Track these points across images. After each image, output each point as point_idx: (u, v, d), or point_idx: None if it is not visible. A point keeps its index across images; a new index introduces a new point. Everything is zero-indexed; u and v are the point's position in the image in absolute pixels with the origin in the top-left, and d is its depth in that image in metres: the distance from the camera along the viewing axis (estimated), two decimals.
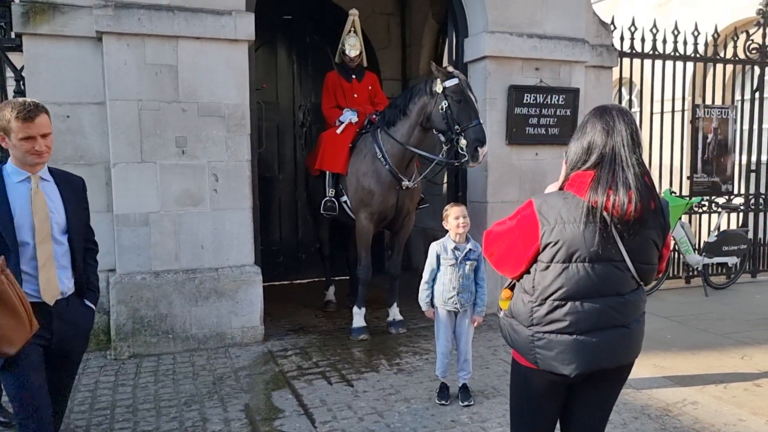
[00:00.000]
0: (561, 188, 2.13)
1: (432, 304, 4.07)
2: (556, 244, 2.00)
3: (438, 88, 5.02)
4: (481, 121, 5.01)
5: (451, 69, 5.16)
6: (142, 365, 4.77)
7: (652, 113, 7.42)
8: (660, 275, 6.99)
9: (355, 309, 5.49)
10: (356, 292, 5.66)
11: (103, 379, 4.50)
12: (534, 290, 2.09)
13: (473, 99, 5.03)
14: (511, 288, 2.28)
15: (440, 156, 5.28)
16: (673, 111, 7.41)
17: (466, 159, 5.01)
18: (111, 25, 4.76)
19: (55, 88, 4.88)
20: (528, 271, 2.13)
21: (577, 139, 2.10)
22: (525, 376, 2.19)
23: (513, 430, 2.33)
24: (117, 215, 4.93)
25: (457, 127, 4.98)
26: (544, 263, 2.05)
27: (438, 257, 3.99)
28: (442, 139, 5.14)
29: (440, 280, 3.99)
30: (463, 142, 4.96)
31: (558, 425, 2.32)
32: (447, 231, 4.02)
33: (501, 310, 2.31)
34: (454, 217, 3.96)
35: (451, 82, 5.00)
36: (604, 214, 1.95)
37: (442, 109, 5.01)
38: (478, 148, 4.93)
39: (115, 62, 4.83)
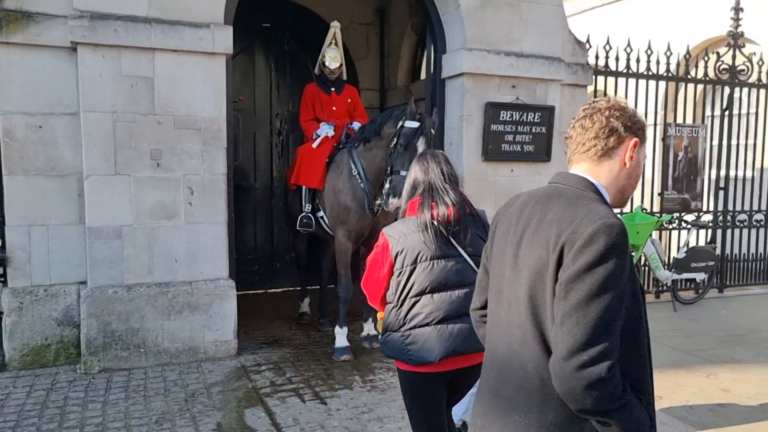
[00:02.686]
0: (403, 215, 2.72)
1: None
2: (402, 251, 2.53)
3: (399, 123, 4.92)
4: (406, 173, 4.75)
5: (421, 113, 5.02)
6: (112, 380, 4.71)
7: None
8: None
9: (337, 329, 5.41)
10: (325, 304, 5.63)
11: (73, 395, 4.43)
12: (394, 296, 2.56)
13: (418, 151, 4.69)
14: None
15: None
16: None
17: (383, 201, 4.97)
18: (86, 36, 4.70)
19: (28, 97, 4.80)
20: (388, 288, 2.60)
21: (406, 180, 2.75)
22: (407, 378, 2.60)
23: (413, 426, 2.72)
24: (89, 228, 4.87)
25: (389, 168, 4.91)
26: (398, 269, 2.54)
27: None
28: None
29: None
30: (387, 185, 4.90)
31: None
32: None
33: (380, 334, 2.71)
34: None
35: (409, 125, 4.85)
36: (435, 222, 2.51)
37: (392, 145, 4.95)
38: (390, 197, 4.79)
39: (90, 73, 4.77)
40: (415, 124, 4.83)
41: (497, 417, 1.66)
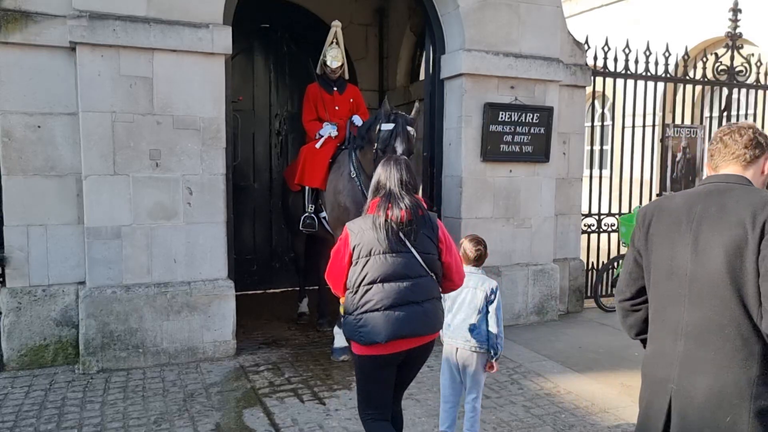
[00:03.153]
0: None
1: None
2: (359, 244, 2.83)
3: (377, 126, 4.84)
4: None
5: (396, 112, 4.87)
6: (111, 380, 4.71)
7: (623, 129, 7.57)
8: None
9: (336, 329, 5.38)
10: (324, 304, 5.63)
11: (71, 395, 4.43)
12: (351, 283, 2.85)
13: (397, 150, 4.60)
14: None
15: None
16: (644, 129, 7.56)
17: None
18: (85, 36, 4.70)
19: (27, 97, 4.80)
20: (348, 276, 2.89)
21: (372, 181, 3.05)
22: (361, 361, 2.90)
23: (359, 402, 3.02)
24: (88, 228, 4.86)
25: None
26: (355, 260, 2.84)
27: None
28: None
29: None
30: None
31: None
32: None
33: (341, 316, 2.97)
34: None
35: (384, 127, 4.75)
36: (390, 222, 2.81)
37: (373, 151, 4.85)
38: None
39: (88, 73, 4.77)
40: (389, 126, 4.75)
41: (701, 376, 1.96)
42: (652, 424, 2.08)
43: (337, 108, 6.08)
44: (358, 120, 5.78)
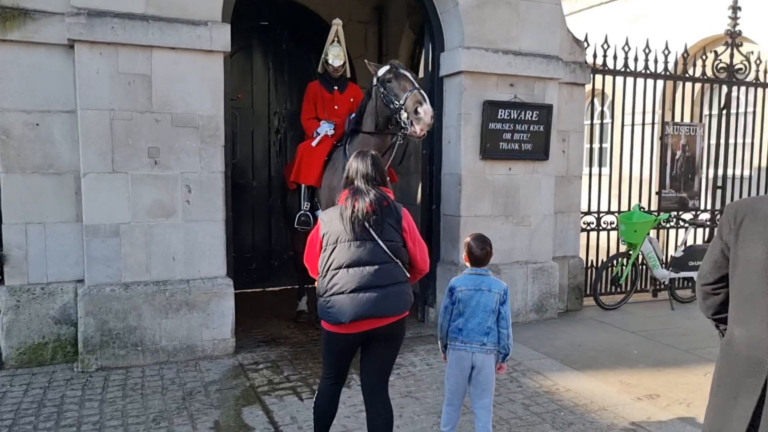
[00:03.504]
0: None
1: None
2: (327, 233, 3.11)
3: (374, 80, 5.04)
4: (419, 88, 4.83)
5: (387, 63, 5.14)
6: (109, 378, 4.70)
7: (623, 127, 7.57)
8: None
9: None
10: None
11: (70, 393, 4.43)
12: (321, 268, 3.12)
13: (407, 75, 4.88)
14: None
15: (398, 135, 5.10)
16: (643, 126, 7.56)
17: (410, 128, 4.78)
18: (83, 33, 4.68)
19: (25, 95, 4.79)
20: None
21: (344, 172, 3.31)
22: (328, 335, 3.18)
23: (323, 371, 3.34)
24: (87, 226, 4.85)
25: (395, 102, 4.83)
26: (324, 247, 3.11)
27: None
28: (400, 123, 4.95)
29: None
30: (404, 114, 4.79)
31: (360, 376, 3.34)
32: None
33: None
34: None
35: (382, 70, 4.99)
36: (357, 213, 3.04)
37: (381, 95, 4.98)
38: (419, 108, 4.66)
39: (87, 71, 4.76)
40: (386, 67, 5.02)
41: None
42: (742, 399, 2.23)
43: (336, 107, 6.07)
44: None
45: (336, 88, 6.09)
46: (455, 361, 3.45)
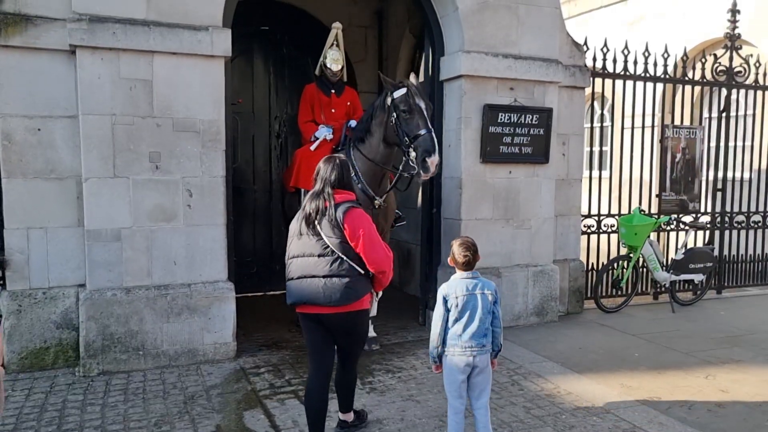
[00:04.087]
0: None
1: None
2: (291, 229, 3.58)
3: (388, 100, 5.03)
4: (431, 129, 4.88)
5: (402, 80, 5.15)
6: (111, 383, 4.71)
7: (623, 130, 7.59)
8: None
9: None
10: None
11: (71, 397, 4.43)
12: (285, 259, 3.59)
13: (422, 107, 4.90)
14: None
15: (399, 168, 5.22)
16: (643, 129, 7.58)
17: (416, 171, 4.88)
18: (85, 39, 4.70)
19: (26, 100, 4.81)
20: None
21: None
22: (298, 316, 3.62)
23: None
24: (88, 230, 4.87)
25: (406, 138, 4.89)
26: (288, 241, 3.59)
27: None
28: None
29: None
30: (413, 153, 4.86)
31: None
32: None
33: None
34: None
35: (398, 93, 4.94)
36: (309, 212, 3.45)
37: (392, 122, 4.99)
38: (427, 159, 4.75)
39: (88, 76, 4.78)
40: (402, 90, 4.97)
41: None
42: None
43: (333, 111, 6.08)
44: (354, 123, 5.80)
45: (333, 91, 6.10)
46: (455, 368, 3.42)
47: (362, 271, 3.42)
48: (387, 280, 3.54)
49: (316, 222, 3.42)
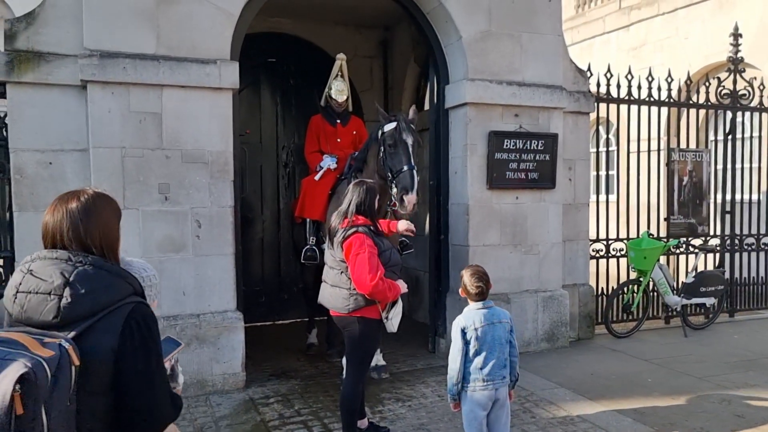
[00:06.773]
0: None
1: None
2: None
3: (379, 133, 5.03)
4: (413, 166, 4.80)
5: (396, 113, 5.20)
6: None
7: (629, 154, 7.60)
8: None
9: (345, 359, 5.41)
10: (333, 335, 5.76)
11: None
12: None
13: (408, 143, 4.83)
14: None
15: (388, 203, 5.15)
16: (649, 153, 7.59)
17: (397, 207, 4.84)
18: (96, 74, 4.80)
19: (38, 135, 4.89)
20: None
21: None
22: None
23: None
24: None
25: (389, 174, 4.86)
26: None
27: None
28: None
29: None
30: (394, 189, 4.83)
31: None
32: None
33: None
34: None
35: (388, 127, 4.93)
36: (331, 230, 4.03)
37: (380, 155, 4.99)
38: (404, 197, 4.70)
39: (99, 110, 4.86)
40: (392, 124, 4.96)
41: None
42: None
43: (339, 140, 6.14)
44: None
45: (339, 121, 6.16)
46: (477, 404, 3.31)
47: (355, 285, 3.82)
48: (382, 297, 3.78)
49: (333, 237, 3.93)
